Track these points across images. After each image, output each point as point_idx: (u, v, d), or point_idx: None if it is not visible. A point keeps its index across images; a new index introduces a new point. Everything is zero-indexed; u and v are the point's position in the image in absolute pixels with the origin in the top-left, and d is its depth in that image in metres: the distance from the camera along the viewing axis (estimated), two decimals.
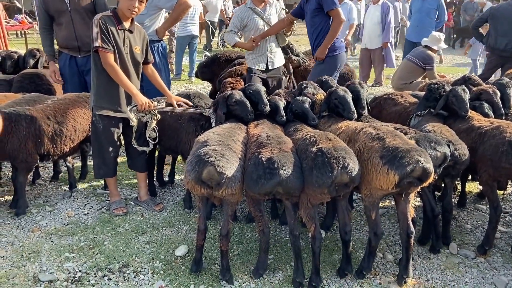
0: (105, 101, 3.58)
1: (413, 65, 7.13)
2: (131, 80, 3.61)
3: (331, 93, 3.55)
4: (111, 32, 3.42)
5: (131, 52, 3.61)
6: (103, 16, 3.46)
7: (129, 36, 3.58)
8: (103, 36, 3.37)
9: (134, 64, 3.66)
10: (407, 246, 2.93)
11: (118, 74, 3.42)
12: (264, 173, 2.69)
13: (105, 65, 3.42)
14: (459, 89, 3.74)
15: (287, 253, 3.36)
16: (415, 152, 2.71)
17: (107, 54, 3.40)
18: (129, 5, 3.43)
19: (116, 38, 3.46)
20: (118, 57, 3.50)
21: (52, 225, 3.70)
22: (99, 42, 3.36)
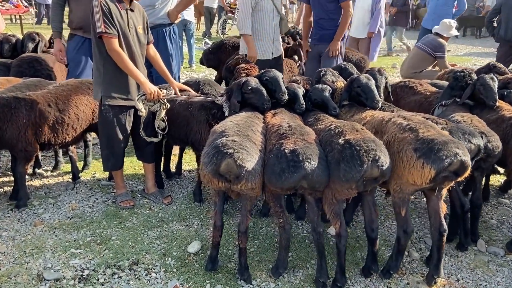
0: (114, 90, 3.34)
1: (423, 53, 6.89)
2: (138, 64, 3.39)
3: (353, 81, 3.32)
4: (115, 14, 3.18)
5: (136, 34, 3.37)
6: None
7: (131, 16, 3.33)
8: (106, 19, 3.12)
9: (140, 45, 3.43)
10: (439, 245, 2.74)
11: (124, 61, 3.19)
12: (288, 166, 2.49)
13: (110, 52, 3.18)
14: (487, 77, 3.53)
15: (306, 250, 3.17)
16: (453, 144, 2.51)
17: (112, 39, 3.16)
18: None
19: (119, 20, 3.22)
20: (123, 40, 3.26)
21: (56, 218, 3.49)
22: (102, 27, 3.11)
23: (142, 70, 3.42)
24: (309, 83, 3.56)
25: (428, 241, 3.31)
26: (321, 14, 4.95)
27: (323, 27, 4.96)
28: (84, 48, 4.45)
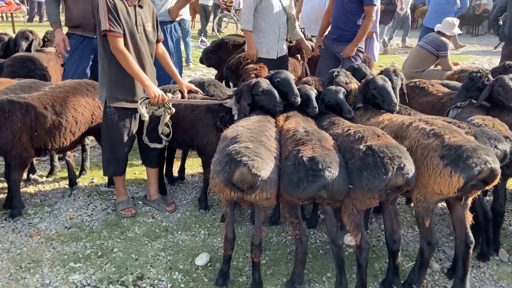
0: (119, 91, 3.16)
1: (426, 52, 6.73)
2: (146, 64, 3.20)
3: (369, 82, 3.15)
4: (121, 11, 2.98)
5: (144, 31, 3.17)
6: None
7: (140, 13, 3.14)
8: (111, 17, 2.92)
9: (148, 44, 3.24)
10: (465, 257, 2.57)
11: (129, 61, 2.99)
12: (307, 175, 2.31)
13: (114, 51, 2.99)
14: (507, 78, 3.38)
15: (321, 261, 2.99)
16: (482, 151, 2.35)
17: (117, 38, 2.97)
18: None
19: (126, 17, 3.03)
20: (130, 39, 3.07)
21: (53, 228, 3.28)
22: (107, 25, 2.92)
23: (150, 70, 3.25)
24: (321, 84, 3.39)
25: (448, 250, 3.16)
26: (340, 13, 4.78)
27: (341, 27, 4.79)
28: (82, 48, 4.25)
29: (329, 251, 3.08)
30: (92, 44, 4.29)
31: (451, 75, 5.13)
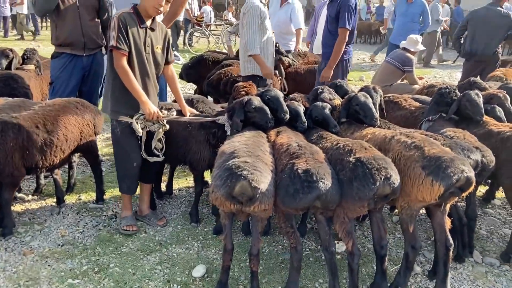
0: (122, 105, 3.25)
1: (392, 68, 7.09)
2: (149, 83, 3.31)
3: (351, 99, 3.38)
4: (131, 31, 3.11)
5: (152, 52, 3.29)
6: (123, 13, 3.12)
7: (150, 35, 3.25)
8: (120, 35, 3.05)
9: (155, 64, 3.35)
10: (445, 259, 2.80)
11: (129, 78, 3.10)
12: (302, 186, 2.48)
13: (116, 67, 3.10)
14: (473, 93, 3.67)
15: (313, 268, 3.15)
16: (459, 161, 2.59)
17: (121, 55, 3.08)
18: (155, 3, 3.13)
19: (136, 37, 3.15)
20: (137, 58, 3.19)
21: (45, 246, 3.29)
22: (115, 42, 3.04)
23: (152, 89, 3.35)
24: (307, 100, 3.58)
25: (427, 254, 3.39)
26: (325, 31, 5.12)
27: (324, 45, 5.15)
28: (71, 67, 4.29)
29: (319, 258, 3.26)
30: (82, 63, 4.36)
31: (420, 90, 5.47)
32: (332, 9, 4.89)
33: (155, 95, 3.43)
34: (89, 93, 4.59)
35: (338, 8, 4.79)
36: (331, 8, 4.96)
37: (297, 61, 6.26)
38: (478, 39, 6.58)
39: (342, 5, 4.76)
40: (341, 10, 4.76)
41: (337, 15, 4.80)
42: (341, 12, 4.77)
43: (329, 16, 5.01)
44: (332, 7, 4.91)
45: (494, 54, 6.54)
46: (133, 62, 3.17)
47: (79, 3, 4.22)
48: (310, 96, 3.69)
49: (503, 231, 3.78)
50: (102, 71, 4.65)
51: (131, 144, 3.34)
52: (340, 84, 3.94)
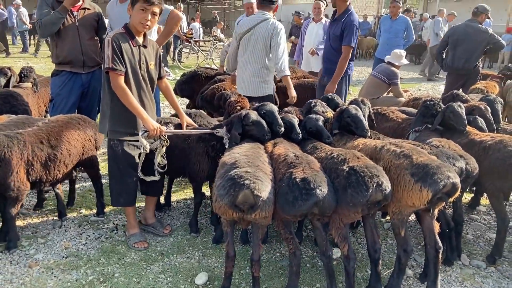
0: (121, 125, 3.32)
1: (378, 81, 7.34)
2: (146, 100, 3.40)
3: (343, 111, 3.57)
4: (125, 51, 3.20)
5: (147, 69, 3.38)
6: (116, 34, 3.21)
7: (144, 52, 3.35)
8: (115, 56, 3.13)
9: (150, 81, 3.44)
10: (435, 261, 2.97)
11: (128, 97, 3.18)
12: (301, 194, 2.63)
13: (114, 88, 3.18)
14: (456, 105, 3.90)
15: (310, 274, 3.29)
16: (445, 168, 2.77)
17: (118, 76, 3.16)
18: (141, 18, 3.19)
19: (130, 56, 3.24)
20: (133, 77, 3.27)
21: (50, 258, 3.38)
22: (110, 63, 3.13)
23: (149, 104, 3.43)
24: (300, 113, 3.76)
25: (418, 258, 3.56)
26: (328, 48, 5.41)
27: (327, 61, 5.46)
28: (70, 84, 4.42)
29: (316, 264, 3.41)
30: (81, 80, 4.50)
31: (406, 102, 5.71)
32: (336, 28, 5.16)
33: (153, 111, 3.52)
34: (88, 109, 4.72)
35: (343, 27, 5.06)
36: (334, 27, 5.22)
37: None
38: (459, 54, 6.89)
39: (348, 24, 5.04)
40: (346, 29, 5.04)
41: (342, 34, 5.08)
42: (346, 30, 5.04)
43: (332, 34, 5.26)
44: (336, 26, 5.19)
45: (475, 67, 6.84)
46: (129, 81, 3.24)
47: (78, 23, 4.38)
48: (304, 109, 3.87)
49: (489, 236, 3.97)
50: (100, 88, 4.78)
51: (130, 160, 3.39)
52: (332, 97, 4.15)
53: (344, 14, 5.16)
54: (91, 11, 4.54)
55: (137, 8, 3.19)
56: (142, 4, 3.17)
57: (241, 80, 4.89)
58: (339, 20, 5.16)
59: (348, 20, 5.07)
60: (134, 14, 3.23)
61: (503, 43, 6.95)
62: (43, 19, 4.21)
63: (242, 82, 4.86)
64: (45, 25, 4.21)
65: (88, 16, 4.48)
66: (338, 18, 5.22)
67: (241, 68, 4.86)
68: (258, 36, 4.58)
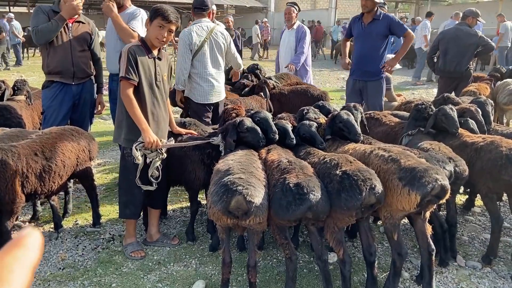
0: (136, 134, 3.34)
1: None
2: (160, 111, 3.44)
3: (335, 117, 3.60)
4: (141, 63, 3.27)
5: (162, 81, 3.46)
6: (133, 46, 3.30)
7: (159, 64, 3.43)
8: (130, 67, 3.20)
9: (164, 92, 3.52)
10: (429, 264, 2.99)
11: (133, 105, 3.23)
12: (294, 199, 2.66)
13: (122, 95, 3.24)
14: (447, 108, 3.94)
15: (306, 279, 3.31)
16: (432, 170, 2.78)
17: (129, 85, 3.23)
18: (157, 34, 3.29)
19: (145, 68, 3.31)
20: (149, 88, 3.34)
21: (47, 270, 3.37)
22: (124, 73, 3.20)
23: (162, 115, 3.48)
24: (294, 119, 3.80)
25: (414, 260, 3.58)
26: (366, 50, 5.64)
27: (367, 64, 5.66)
28: (61, 96, 4.43)
29: (313, 269, 3.42)
30: (71, 92, 4.50)
31: (398, 106, 5.76)
32: (379, 27, 5.53)
33: (166, 122, 3.56)
34: (79, 121, 4.72)
35: (387, 23, 5.49)
36: (374, 27, 5.56)
37: (280, 82, 6.54)
38: (450, 57, 6.96)
39: (390, 18, 5.58)
40: (392, 22, 5.51)
41: (388, 30, 5.51)
42: (394, 23, 5.52)
43: (375, 35, 5.59)
44: (376, 25, 5.55)
45: (466, 70, 6.91)
46: (143, 92, 3.30)
47: (72, 36, 4.41)
48: (297, 115, 3.91)
49: (484, 236, 4.00)
50: (92, 99, 4.81)
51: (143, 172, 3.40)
52: (323, 104, 4.20)
53: (380, 13, 5.55)
54: (85, 25, 4.57)
55: (155, 24, 3.28)
56: (160, 21, 3.26)
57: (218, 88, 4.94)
58: (377, 19, 5.53)
59: (386, 15, 5.59)
60: (151, 29, 3.33)
61: (493, 45, 7.05)
62: (40, 26, 4.24)
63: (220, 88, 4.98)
64: (42, 32, 4.23)
65: (81, 29, 4.51)
66: (375, 18, 5.55)
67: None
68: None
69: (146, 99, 3.34)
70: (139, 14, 4.63)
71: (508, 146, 3.38)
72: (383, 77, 5.76)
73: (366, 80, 5.75)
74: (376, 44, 5.63)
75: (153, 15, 3.31)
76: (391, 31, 5.54)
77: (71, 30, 4.42)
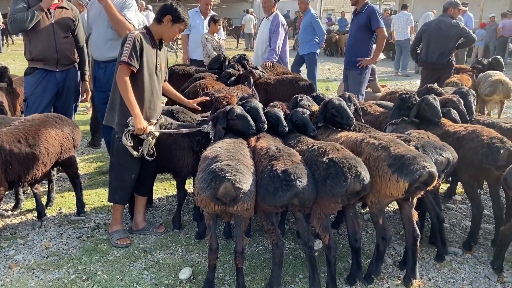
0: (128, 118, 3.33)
1: None
2: (157, 97, 3.51)
3: (327, 103, 3.61)
4: (146, 51, 3.29)
5: (160, 70, 3.51)
6: (139, 34, 3.29)
7: (160, 55, 3.48)
8: (134, 53, 3.20)
9: (161, 81, 3.59)
10: (413, 249, 3.06)
11: (128, 91, 3.22)
12: (281, 185, 2.68)
13: (119, 79, 3.23)
14: (431, 97, 3.99)
15: (293, 265, 3.34)
16: (421, 158, 2.84)
17: (129, 70, 3.23)
18: (174, 35, 3.48)
19: (149, 57, 3.34)
20: (149, 76, 3.38)
21: (31, 259, 3.33)
22: (127, 58, 3.19)
23: (158, 102, 3.56)
24: (287, 107, 3.81)
25: (397, 247, 3.65)
26: (351, 41, 6.17)
27: (350, 54, 6.20)
28: (45, 82, 4.34)
29: (298, 256, 3.46)
30: (55, 79, 4.41)
31: (383, 96, 5.82)
32: (361, 19, 5.89)
33: (160, 111, 3.63)
34: (63, 108, 4.62)
35: (367, 15, 5.80)
36: (358, 19, 5.97)
37: (266, 72, 6.53)
38: (433, 49, 7.03)
39: (371, 11, 5.81)
40: (371, 15, 5.77)
41: (368, 22, 5.80)
42: (371, 17, 5.77)
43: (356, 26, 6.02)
44: (360, 17, 5.92)
45: (449, 62, 6.99)
46: (143, 79, 3.33)
47: (54, 22, 4.31)
48: (290, 104, 3.93)
49: (464, 223, 4.10)
50: (76, 87, 4.72)
51: (132, 155, 3.39)
52: (317, 94, 4.24)
53: (364, 6, 5.89)
54: (68, 11, 4.47)
55: (177, 27, 3.43)
56: (182, 27, 3.46)
57: None
58: (361, 12, 5.88)
59: (370, 8, 5.84)
60: (170, 30, 3.42)
61: (474, 37, 7.14)
62: (15, 14, 4.13)
63: None
64: (17, 21, 4.12)
65: (64, 15, 4.41)
66: (360, 10, 5.92)
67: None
68: None
69: (145, 87, 3.37)
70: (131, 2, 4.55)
71: (489, 135, 3.45)
72: (362, 69, 6.07)
73: (349, 68, 6.27)
74: (357, 35, 6.04)
75: (176, 19, 3.39)
76: (370, 24, 5.85)
77: (54, 16, 4.32)
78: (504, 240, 3.27)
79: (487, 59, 7.76)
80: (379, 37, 5.94)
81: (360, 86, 6.23)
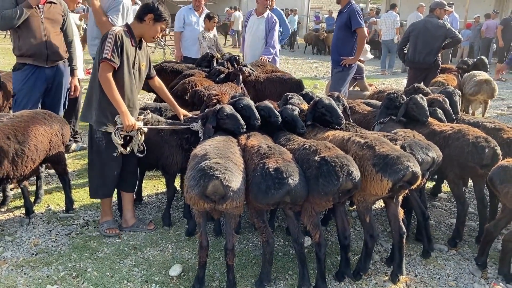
0: (107, 116, 3.35)
1: None
2: (135, 96, 3.52)
3: (317, 102, 3.65)
4: (126, 48, 3.30)
5: (139, 69, 3.51)
6: (120, 31, 3.30)
7: (138, 53, 3.47)
8: (115, 49, 3.22)
9: (140, 80, 3.59)
10: (400, 246, 3.12)
11: (112, 88, 3.23)
12: (273, 183, 2.71)
13: (101, 77, 3.23)
14: (418, 97, 4.07)
15: (282, 262, 3.38)
16: (404, 158, 2.87)
17: (111, 67, 3.24)
18: (155, 34, 3.48)
19: (129, 54, 3.35)
20: (128, 72, 3.38)
21: (19, 256, 3.31)
22: (109, 55, 3.19)
23: (136, 101, 3.57)
24: (277, 105, 3.85)
25: (384, 244, 3.72)
26: (334, 40, 6.32)
27: (333, 53, 6.38)
28: (33, 78, 4.30)
29: (288, 253, 3.50)
30: (44, 75, 4.38)
31: (371, 95, 5.89)
32: (342, 18, 5.99)
33: (138, 109, 3.64)
34: (52, 105, 4.60)
35: (347, 15, 5.86)
36: (340, 19, 6.09)
37: (256, 70, 6.54)
38: (419, 49, 7.12)
39: (351, 11, 5.85)
40: (351, 15, 5.83)
41: (349, 22, 5.86)
42: (351, 17, 5.83)
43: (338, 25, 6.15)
44: (342, 17, 6.03)
45: (435, 61, 7.10)
46: (123, 77, 3.34)
47: (43, 17, 4.27)
48: (281, 102, 3.96)
49: (450, 221, 4.19)
50: (65, 83, 4.69)
51: (115, 154, 3.41)
52: (307, 92, 4.29)
53: (346, 5, 5.97)
54: (57, 6, 4.43)
55: (158, 26, 3.43)
56: (163, 26, 3.46)
57: None
58: (343, 11, 6.00)
59: (350, 8, 5.91)
60: (152, 28, 3.43)
61: (460, 37, 7.26)
62: (3, 12, 4.07)
63: None
64: (5, 18, 4.06)
65: (54, 10, 4.38)
66: (342, 10, 6.04)
67: None
68: None
69: (125, 85, 3.38)
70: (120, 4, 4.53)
71: (474, 135, 3.54)
72: (344, 68, 6.17)
73: (332, 67, 6.43)
74: (338, 35, 6.20)
75: (158, 18, 3.40)
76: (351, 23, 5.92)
77: (43, 11, 4.28)
78: (488, 237, 3.35)
79: (472, 60, 7.89)
80: (359, 37, 6.01)
81: (341, 85, 6.28)
